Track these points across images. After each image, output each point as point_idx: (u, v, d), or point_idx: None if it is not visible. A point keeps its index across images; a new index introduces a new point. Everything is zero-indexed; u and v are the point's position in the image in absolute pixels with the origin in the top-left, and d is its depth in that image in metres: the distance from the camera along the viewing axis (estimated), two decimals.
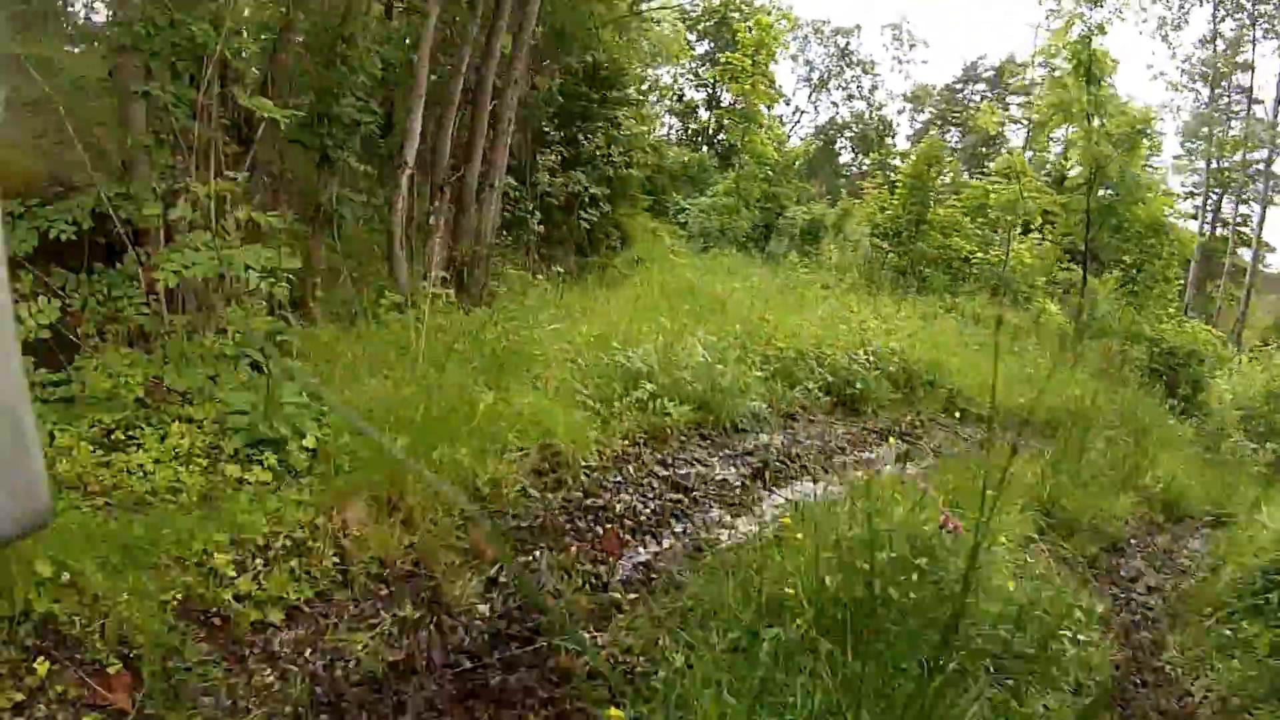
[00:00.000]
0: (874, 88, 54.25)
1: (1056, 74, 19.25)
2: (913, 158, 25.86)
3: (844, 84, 54.18)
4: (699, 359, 8.14)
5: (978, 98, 54.50)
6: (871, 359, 10.40)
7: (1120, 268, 18.50)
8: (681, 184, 32.54)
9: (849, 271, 25.39)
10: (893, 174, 29.06)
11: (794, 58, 52.96)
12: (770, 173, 29.75)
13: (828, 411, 9.46)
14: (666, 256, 19.55)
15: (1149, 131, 17.82)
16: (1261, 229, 33.92)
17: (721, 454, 7.29)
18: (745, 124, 29.38)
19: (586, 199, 12.89)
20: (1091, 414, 13.01)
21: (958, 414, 10.58)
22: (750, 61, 28.33)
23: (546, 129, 14.44)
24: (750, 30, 28.93)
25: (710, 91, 41.27)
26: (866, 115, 54.06)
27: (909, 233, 24.26)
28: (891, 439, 9.15)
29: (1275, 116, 32.31)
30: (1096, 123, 18.19)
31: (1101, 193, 19.12)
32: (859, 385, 9.74)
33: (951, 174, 25.58)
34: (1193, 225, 23.67)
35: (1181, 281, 19.76)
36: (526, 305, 10.53)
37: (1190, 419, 17.38)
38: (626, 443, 6.85)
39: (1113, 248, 18.95)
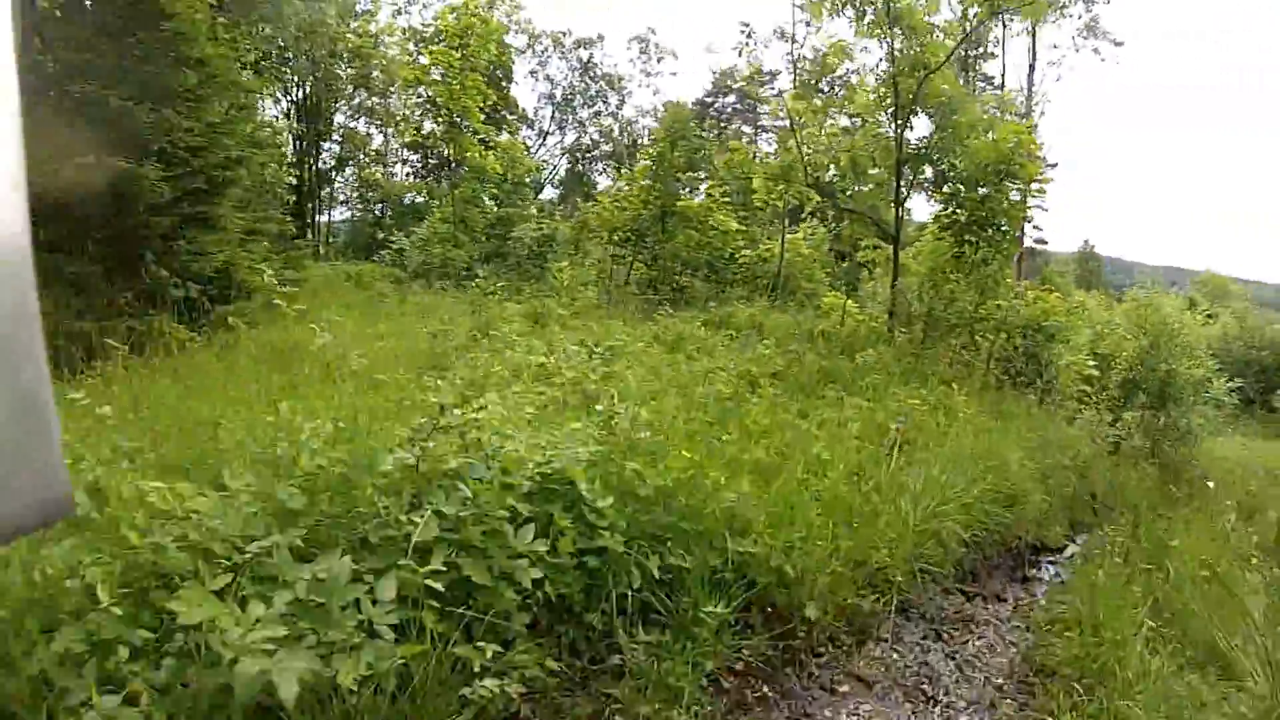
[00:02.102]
0: (621, 103, 47.75)
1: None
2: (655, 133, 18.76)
3: (589, 100, 47.27)
4: None
5: (729, 110, 49.58)
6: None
7: (951, 231, 11.68)
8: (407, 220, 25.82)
9: (583, 291, 17.80)
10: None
11: (533, 74, 45.73)
12: (496, 192, 21.94)
13: None
14: (328, 307, 12.18)
15: None
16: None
17: None
18: (454, 133, 21.35)
19: None
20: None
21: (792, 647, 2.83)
22: (457, 55, 20.28)
23: None
24: (454, 17, 21.00)
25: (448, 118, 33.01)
26: (615, 133, 47.57)
27: (654, 232, 16.83)
28: None
29: (1028, 93, 29.04)
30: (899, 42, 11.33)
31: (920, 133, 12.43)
32: None
33: (702, 150, 18.45)
34: None
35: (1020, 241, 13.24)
36: None
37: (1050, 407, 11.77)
38: None
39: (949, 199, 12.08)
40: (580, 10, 63.31)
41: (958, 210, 12.04)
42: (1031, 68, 31.58)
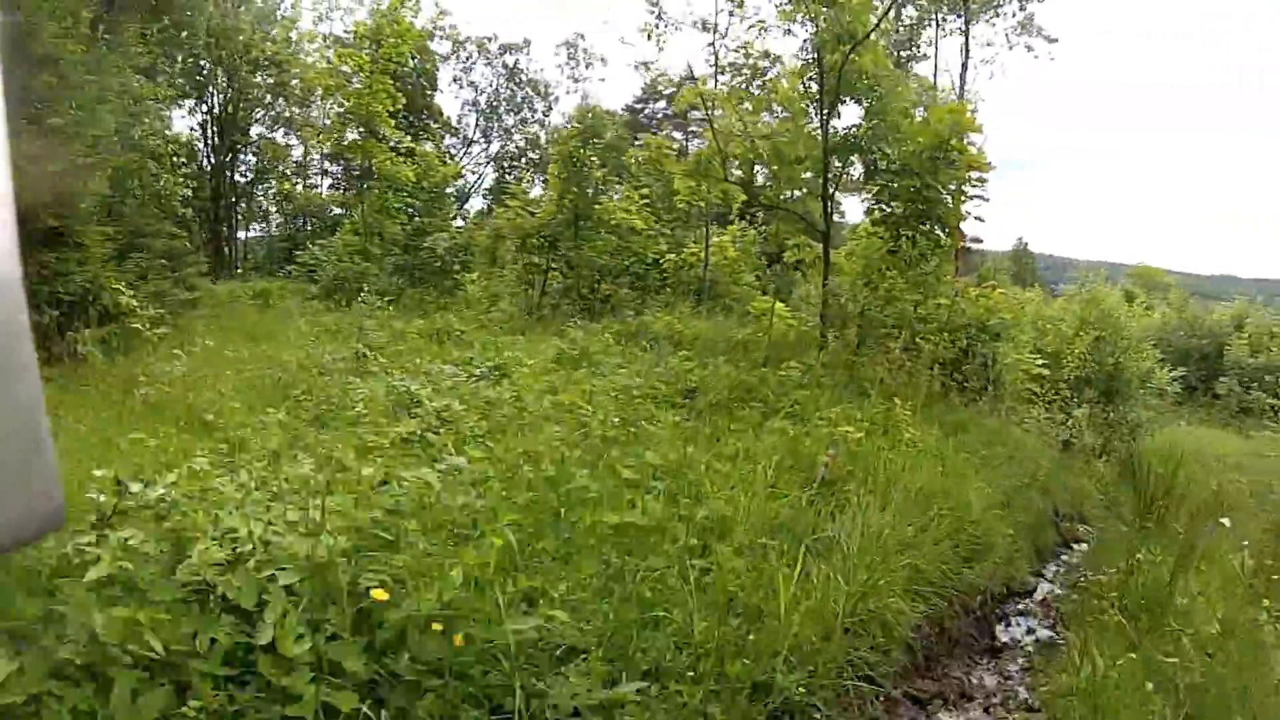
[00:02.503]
0: (549, 110, 46.05)
1: None
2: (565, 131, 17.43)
3: (515, 107, 45.41)
4: None
5: (659, 116, 48.23)
6: None
7: (886, 223, 10.48)
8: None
9: (496, 304, 16.38)
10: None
11: (457, 80, 43.80)
12: (409, 201, 20.48)
13: None
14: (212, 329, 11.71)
15: None
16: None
17: None
18: (365, 140, 19.85)
19: None
20: None
21: None
22: (368, 58, 18.69)
23: None
24: (369, 20, 19.57)
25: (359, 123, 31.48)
26: (542, 140, 45.89)
27: (568, 237, 15.44)
28: None
29: (960, 92, 28.42)
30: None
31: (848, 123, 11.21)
32: None
33: (617, 149, 17.02)
34: None
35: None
36: None
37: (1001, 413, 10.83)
38: None
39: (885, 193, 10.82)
40: (580, 9, 61.77)
41: (892, 202, 10.85)
42: (964, 66, 30.97)
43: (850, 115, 11.66)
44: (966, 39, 30.85)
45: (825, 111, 10.67)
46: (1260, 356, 21.47)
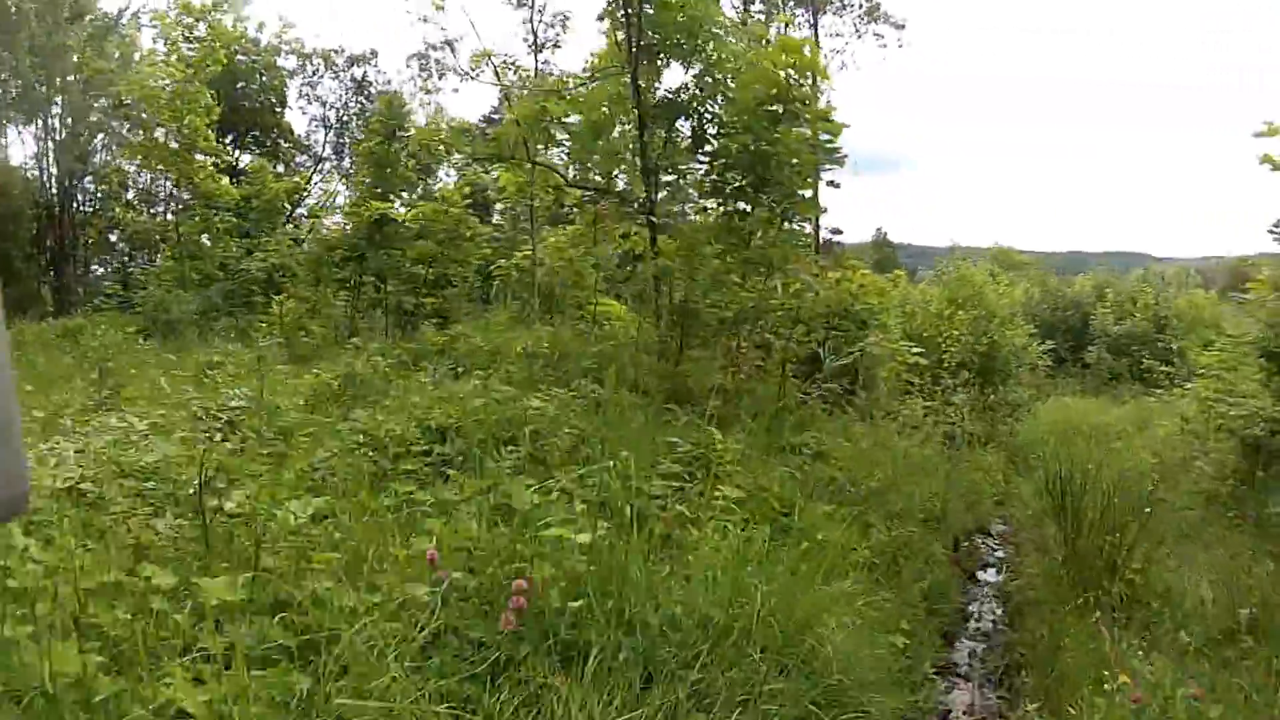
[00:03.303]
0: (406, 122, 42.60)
1: None
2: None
3: (365, 121, 41.85)
4: None
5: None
6: None
7: (717, 194, 8.35)
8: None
9: (305, 326, 13.47)
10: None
11: (304, 95, 40.25)
12: (234, 220, 17.39)
13: None
14: None
15: None
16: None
17: None
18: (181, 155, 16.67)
19: None
20: None
21: None
22: (180, 67, 16.70)
23: None
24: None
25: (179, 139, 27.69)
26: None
27: (371, 245, 12.82)
28: None
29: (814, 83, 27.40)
30: None
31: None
32: None
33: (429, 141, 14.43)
34: None
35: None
36: None
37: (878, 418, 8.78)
38: None
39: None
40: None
41: (727, 173, 8.68)
42: None
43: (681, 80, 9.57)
44: (816, 30, 29.81)
45: (634, 54, 8.40)
46: (1125, 323, 21.04)
